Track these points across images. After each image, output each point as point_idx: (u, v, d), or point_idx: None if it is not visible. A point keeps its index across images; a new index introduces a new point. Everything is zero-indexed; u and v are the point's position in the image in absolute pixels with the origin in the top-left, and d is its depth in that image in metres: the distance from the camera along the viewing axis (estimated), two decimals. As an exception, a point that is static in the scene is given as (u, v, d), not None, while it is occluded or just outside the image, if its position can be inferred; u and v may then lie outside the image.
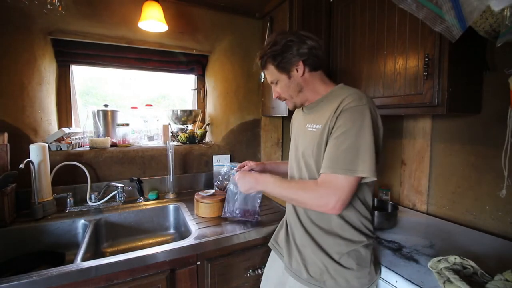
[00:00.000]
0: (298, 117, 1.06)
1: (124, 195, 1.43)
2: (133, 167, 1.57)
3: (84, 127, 1.59)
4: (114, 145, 1.61)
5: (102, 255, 1.26)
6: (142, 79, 1.92)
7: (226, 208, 1.25)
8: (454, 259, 0.84)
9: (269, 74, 0.96)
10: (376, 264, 0.93)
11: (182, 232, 1.39)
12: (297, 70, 0.91)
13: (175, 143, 1.76)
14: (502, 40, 0.81)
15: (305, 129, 0.94)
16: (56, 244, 1.21)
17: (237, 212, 1.24)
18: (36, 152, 1.22)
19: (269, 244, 1.12)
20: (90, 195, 1.38)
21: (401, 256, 0.98)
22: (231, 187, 1.23)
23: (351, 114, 0.79)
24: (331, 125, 0.83)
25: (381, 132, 0.84)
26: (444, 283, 0.78)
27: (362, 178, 0.78)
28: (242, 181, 1.02)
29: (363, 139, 0.77)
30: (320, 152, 0.85)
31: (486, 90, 1.17)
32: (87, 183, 1.42)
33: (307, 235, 0.90)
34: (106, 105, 1.62)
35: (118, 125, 1.61)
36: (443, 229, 1.23)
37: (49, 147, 1.35)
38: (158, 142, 1.73)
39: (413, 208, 1.50)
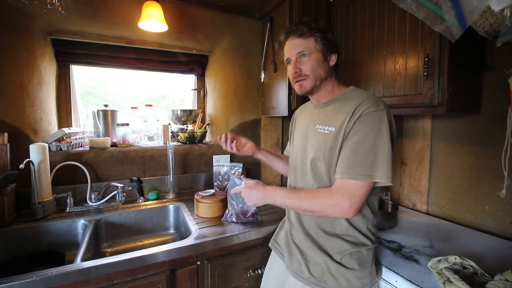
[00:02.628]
0: (304, 117, 1.03)
1: (124, 195, 1.43)
2: (133, 167, 1.57)
3: (84, 127, 1.59)
4: (114, 145, 1.61)
5: (102, 255, 1.26)
6: (142, 79, 1.92)
7: (227, 214, 1.25)
8: (454, 259, 0.84)
9: (303, 44, 0.88)
10: (377, 265, 0.93)
11: (182, 232, 1.39)
12: (331, 58, 0.91)
13: (175, 143, 1.76)
14: (502, 40, 0.81)
15: (314, 130, 0.92)
16: (56, 244, 1.21)
17: (237, 219, 1.23)
18: (36, 152, 1.22)
19: (270, 244, 1.12)
20: (90, 195, 1.38)
21: (401, 256, 0.98)
22: (232, 196, 1.22)
23: (370, 120, 0.79)
24: (347, 129, 0.81)
25: (395, 135, 0.84)
26: (444, 283, 0.78)
27: (376, 182, 0.79)
28: (249, 195, 0.96)
29: (381, 144, 0.77)
30: (332, 155, 0.84)
31: (486, 90, 1.17)
32: (87, 183, 1.42)
33: (307, 238, 0.90)
34: (106, 105, 1.62)
35: (118, 125, 1.61)
36: (443, 229, 1.23)
37: (49, 147, 1.35)
38: (158, 142, 1.73)
39: (413, 208, 1.50)
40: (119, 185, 1.39)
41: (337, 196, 0.79)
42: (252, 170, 1.94)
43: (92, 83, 1.86)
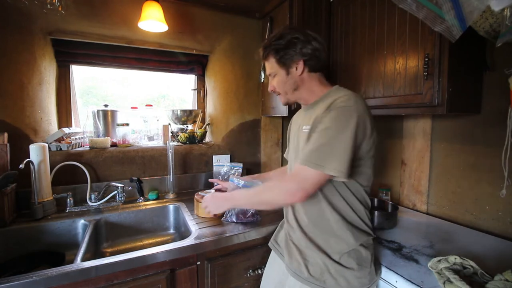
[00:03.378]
0: (297, 120, 1.06)
1: (124, 195, 1.43)
2: (133, 167, 1.57)
3: (84, 127, 1.59)
4: (114, 145, 1.61)
5: (102, 255, 1.26)
6: (142, 79, 1.92)
7: (227, 214, 1.25)
8: (454, 259, 0.84)
9: (269, 66, 0.97)
10: (377, 264, 0.93)
11: (182, 232, 1.39)
12: (296, 68, 0.92)
13: (175, 143, 1.76)
14: (502, 40, 0.81)
15: (301, 131, 0.95)
16: (56, 244, 1.21)
17: (237, 219, 1.23)
18: (36, 152, 1.22)
19: (269, 244, 1.12)
20: (90, 195, 1.38)
21: (401, 256, 0.98)
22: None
23: (336, 113, 0.80)
24: (317, 122, 0.84)
25: (370, 135, 0.83)
26: (444, 283, 0.78)
27: (333, 176, 0.79)
28: (210, 204, 1.06)
29: (342, 139, 0.78)
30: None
31: (486, 90, 1.17)
32: (87, 183, 1.42)
33: (305, 238, 0.90)
34: (106, 105, 1.62)
35: (118, 125, 1.61)
36: (443, 229, 1.23)
37: (49, 147, 1.35)
38: (158, 142, 1.73)
39: (413, 208, 1.50)
40: (119, 185, 1.39)
41: (289, 182, 0.83)
42: (252, 170, 1.94)
43: (92, 83, 1.86)
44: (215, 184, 1.39)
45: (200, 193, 1.37)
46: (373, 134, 0.83)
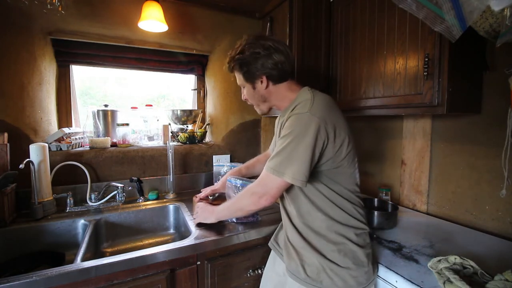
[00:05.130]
0: (279, 121, 1.07)
1: (124, 195, 1.43)
2: (133, 167, 1.57)
3: (84, 127, 1.59)
4: (114, 145, 1.61)
5: (102, 255, 1.26)
6: (142, 79, 1.92)
7: None
8: (454, 259, 0.84)
9: (237, 78, 1.01)
10: (374, 264, 0.93)
11: (182, 232, 1.39)
12: (261, 83, 0.93)
13: (175, 143, 1.76)
14: (502, 40, 0.81)
15: (277, 135, 0.99)
16: (56, 244, 1.21)
17: (237, 219, 1.23)
18: (36, 152, 1.22)
19: (269, 244, 1.12)
20: (90, 195, 1.38)
21: (401, 256, 0.98)
22: (230, 196, 1.22)
23: (292, 121, 0.82)
24: (281, 129, 0.89)
25: (335, 137, 0.82)
26: (444, 283, 0.78)
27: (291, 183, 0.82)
28: (201, 213, 1.13)
29: (297, 146, 0.79)
30: None
31: (486, 90, 1.17)
32: (87, 183, 1.42)
33: (301, 237, 0.91)
34: (106, 105, 1.62)
35: (118, 125, 1.61)
36: (443, 229, 1.23)
37: (49, 147, 1.35)
38: (158, 142, 1.73)
39: (413, 208, 1.50)
40: (119, 185, 1.39)
41: (255, 187, 0.88)
42: (252, 170, 1.94)
43: (92, 83, 1.86)
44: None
45: (210, 197, 1.35)
46: (341, 135, 0.83)
